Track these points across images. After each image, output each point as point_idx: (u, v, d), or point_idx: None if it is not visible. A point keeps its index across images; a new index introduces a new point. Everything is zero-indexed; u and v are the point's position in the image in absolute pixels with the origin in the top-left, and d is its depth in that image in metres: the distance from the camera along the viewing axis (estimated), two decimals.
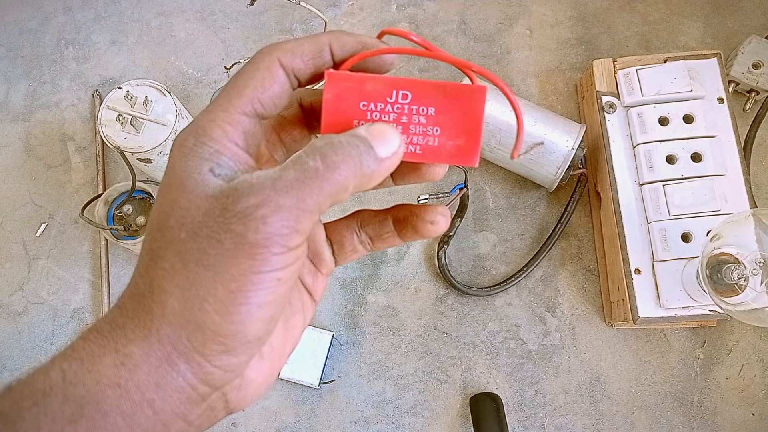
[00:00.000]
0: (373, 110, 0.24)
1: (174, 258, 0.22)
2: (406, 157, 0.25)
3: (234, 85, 0.24)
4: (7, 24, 0.73)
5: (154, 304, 0.22)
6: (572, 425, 0.59)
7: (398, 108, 0.24)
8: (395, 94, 0.24)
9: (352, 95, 0.24)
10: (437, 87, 0.24)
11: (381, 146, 0.23)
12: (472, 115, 0.24)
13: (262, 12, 0.72)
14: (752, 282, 0.47)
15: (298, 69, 0.24)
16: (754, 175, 0.62)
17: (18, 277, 0.65)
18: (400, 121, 0.24)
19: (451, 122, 0.24)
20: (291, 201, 0.21)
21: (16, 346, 0.63)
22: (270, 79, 0.23)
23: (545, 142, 0.58)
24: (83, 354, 0.22)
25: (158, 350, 0.22)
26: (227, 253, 0.21)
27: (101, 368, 0.21)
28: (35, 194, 0.67)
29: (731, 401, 0.59)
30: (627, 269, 0.56)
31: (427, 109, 0.24)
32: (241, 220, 0.21)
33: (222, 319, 0.21)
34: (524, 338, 0.62)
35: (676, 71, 0.59)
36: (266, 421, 0.60)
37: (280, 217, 0.21)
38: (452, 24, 0.71)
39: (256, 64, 0.24)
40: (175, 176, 0.23)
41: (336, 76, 0.24)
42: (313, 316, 0.41)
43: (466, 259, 0.64)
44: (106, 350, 0.22)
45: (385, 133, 0.23)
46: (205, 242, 0.21)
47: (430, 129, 0.25)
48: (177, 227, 0.22)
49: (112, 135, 0.53)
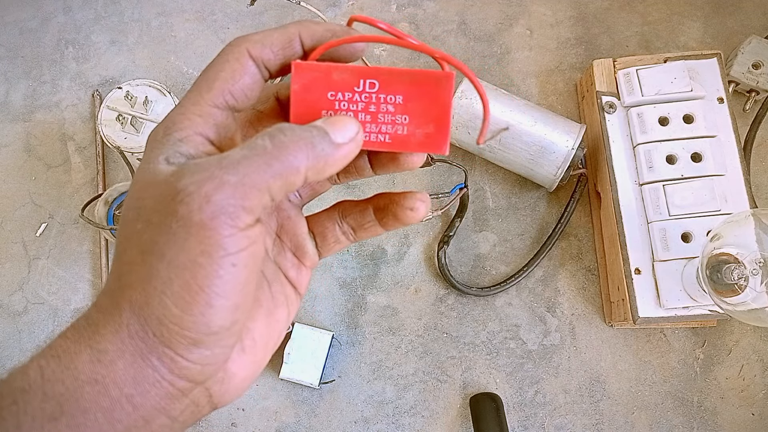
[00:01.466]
0: (341, 100, 0.24)
1: (134, 251, 0.22)
2: (375, 147, 0.25)
3: (204, 78, 0.23)
4: (7, 24, 0.73)
5: (122, 300, 0.21)
6: (572, 425, 0.59)
7: (366, 97, 0.24)
8: (362, 84, 0.24)
9: (319, 85, 0.24)
10: (405, 75, 0.24)
11: (337, 132, 0.23)
12: (440, 102, 0.24)
13: (262, 12, 0.72)
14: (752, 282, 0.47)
15: (267, 60, 0.24)
16: (754, 175, 0.62)
17: (18, 277, 0.65)
18: (368, 110, 0.24)
19: (419, 110, 0.24)
20: (236, 177, 0.20)
21: (16, 346, 0.63)
22: (240, 71, 0.23)
23: (544, 143, 0.58)
24: (60, 351, 0.21)
25: (131, 345, 0.21)
26: (176, 238, 0.20)
27: (78, 365, 0.21)
28: (35, 194, 0.67)
29: (731, 401, 0.59)
30: (627, 269, 0.56)
31: (395, 97, 0.24)
32: (184, 200, 0.20)
33: (181, 311, 0.21)
34: (524, 338, 0.62)
35: (676, 71, 0.59)
36: (266, 421, 0.60)
37: (225, 194, 0.20)
38: (452, 24, 0.71)
39: (226, 56, 0.24)
40: (139, 169, 0.23)
41: (303, 67, 0.24)
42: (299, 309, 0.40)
43: (466, 259, 0.64)
44: (82, 347, 0.21)
45: (342, 121, 0.23)
46: (156, 230, 0.21)
47: (399, 117, 0.24)
48: (134, 219, 0.22)
49: (112, 135, 0.53)
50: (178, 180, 0.21)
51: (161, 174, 0.21)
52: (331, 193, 0.65)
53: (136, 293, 0.21)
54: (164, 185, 0.21)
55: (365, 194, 0.65)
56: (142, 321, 0.21)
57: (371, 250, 0.64)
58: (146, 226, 0.21)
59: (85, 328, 0.22)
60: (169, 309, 0.21)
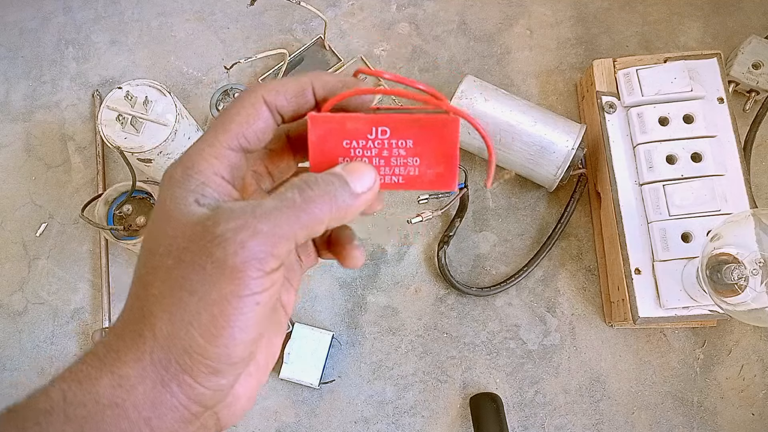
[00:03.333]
0: (356, 147, 0.26)
1: (162, 284, 0.23)
2: (390, 187, 0.27)
3: (221, 121, 0.25)
4: (7, 24, 0.73)
5: (145, 329, 0.23)
6: (572, 425, 0.59)
7: (379, 143, 0.26)
8: (375, 131, 0.26)
9: (335, 135, 0.26)
10: (413, 121, 0.26)
11: (356, 182, 0.25)
12: (447, 144, 0.26)
13: (262, 12, 0.72)
14: (752, 282, 0.47)
15: (281, 106, 0.26)
16: (754, 175, 0.62)
17: (18, 277, 0.65)
18: (382, 155, 0.26)
19: (429, 152, 0.26)
20: (268, 227, 0.22)
21: (16, 346, 0.63)
22: (255, 116, 0.25)
23: (544, 143, 0.58)
24: (81, 376, 0.23)
25: (152, 372, 0.23)
26: (209, 278, 0.22)
27: (99, 389, 0.22)
28: (35, 194, 0.67)
29: (731, 401, 0.59)
30: (627, 269, 0.56)
31: (406, 142, 0.26)
32: (221, 245, 0.22)
33: (207, 343, 0.23)
34: (524, 338, 0.62)
35: (676, 71, 0.59)
36: (266, 421, 0.60)
37: (258, 241, 0.22)
38: (452, 24, 0.71)
39: (242, 102, 0.25)
40: (164, 206, 0.24)
41: (318, 119, 0.25)
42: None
43: (466, 259, 0.64)
44: (103, 372, 0.23)
45: (360, 170, 0.25)
46: (189, 268, 0.23)
47: (411, 159, 0.26)
48: (164, 254, 0.24)
49: (112, 135, 0.53)
50: (215, 225, 0.23)
51: (194, 215, 0.24)
52: None
53: (161, 323, 0.23)
54: (200, 227, 0.23)
55: None
56: (166, 349, 0.23)
57: (371, 250, 0.64)
58: (177, 263, 0.23)
59: (105, 354, 0.23)
60: (195, 340, 0.23)
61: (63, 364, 0.62)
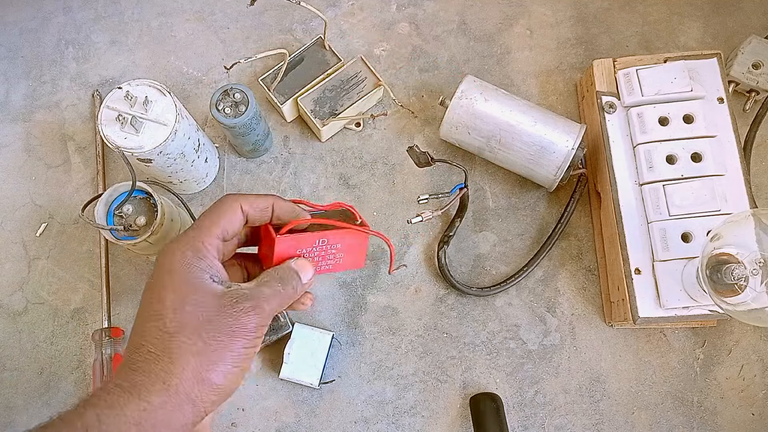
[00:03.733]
0: (305, 253, 0.41)
1: (192, 334, 0.34)
2: (322, 272, 0.43)
3: (211, 218, 0.38)
4: (7, 24, 0.73)
5: (173, 366, 0.33)
6: (572, 425, 0.59)
7: (319, 248, 0.41)
8: (318, 242, 0.41)
9: (292, 247, 0.40)
10: (343, 233, 0.42)
11: (304, 275, 0.40)
12: (362, 246, 0.44)
13: (262, 12, 0.72)
14: (752, 282, 0.47)
15: (250, 214, 0.39)
16: (754, 175, 0.62)
17: (18, 277, 0.65)
18: (320, 254, 0.42)
19: (350, 250, 0.43)
20: (270, 307, 0.37)
21: (16, 346, 0.63)
22: (234, 218, 0.38)
23: (544, 143, 0.58)
24: (112, 402, 0.31)
25: (174, 399, 0.32)
26: (233, 335, 0.34)
27: (127, 412, 0.31)
28: (35, 194, 0.67)
29: (731, 401, 0.59)
30: (627, 269, 0.56)
31: (337, 245, 0.42)
32: (245, 316, 0.35)
33: (223, 379, 0.34)
34: (524, 338, 0.62)
35: (676, 71, 0.59)
36: (266, 421, 0.60)
37: (263, 316, 0.36)
38: (452, 24, 0.71)
39: (227, 205, 0.38)
40: (183, 278, 0.35)
41: (283, 238, 0.39)
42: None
43: (466, 259, 0.64)
44: (130, 400, 0.31)
45: (305, 266, 0.40)
46: (217, 327, 0.34)
47: (338, 255, 0.43)
48: (194, 312, 0.34)
49: (112, 135, 0.53)
50: (238, 302, 0.35)
51: (217, 290, 0.36)
52: (331, 194, 0.66)
53: (190, 364, 0.33)
54: (226, 300, 0.35)
55: (365, 195, 0.66)
56: (192, 383, 0.33)
57: (371, 250, 0.64)
58: (207, 320, 0.34)
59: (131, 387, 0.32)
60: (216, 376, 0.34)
61: (63, 363, 0.62)
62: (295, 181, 0.66)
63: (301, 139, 0.68)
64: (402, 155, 0.67)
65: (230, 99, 0.57)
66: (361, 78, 0.65)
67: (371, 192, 0.66)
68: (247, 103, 0.57)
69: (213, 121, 0.68)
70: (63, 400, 0.61)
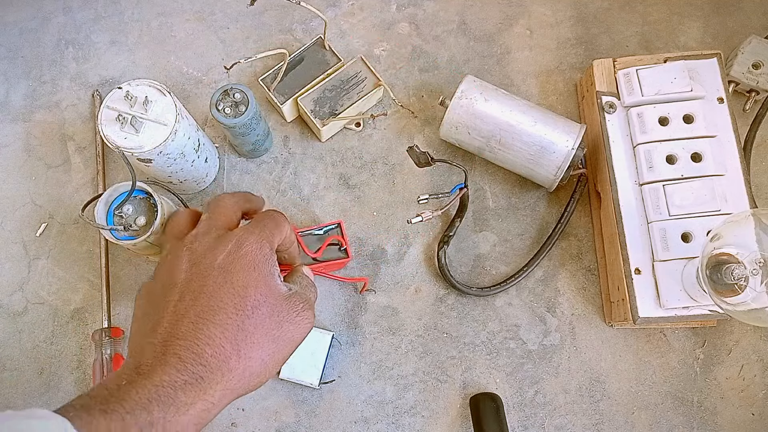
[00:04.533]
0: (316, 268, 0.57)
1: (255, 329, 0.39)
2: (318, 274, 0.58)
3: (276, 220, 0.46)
4: (7, 24, 0.73)
5: (238, 364, 0.38)
6: (572, 425, 0.59)
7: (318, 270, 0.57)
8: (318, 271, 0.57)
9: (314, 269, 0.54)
10: (332, 265, 0.59)
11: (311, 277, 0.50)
12: (340, 264, 0.61)
13: (262, 12, 0.72)
14: (752, 282, 0.47)
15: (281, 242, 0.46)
16: (754, 175, 0.62)
17: (18, 277, 0.65)
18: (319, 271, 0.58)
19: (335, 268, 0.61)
20: (313, 309, 0.44)
21: (16, 346, 0.63)
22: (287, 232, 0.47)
23: (544, 143, 0.58)
24: (179, 402, 0.35)
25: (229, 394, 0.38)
26: (294, 331, 0.42)
27: (193, 412, 0.36)
28: (35, 194, 0.67)
29: (731, 401, 0.59)
30: (627, 269, 0.56)
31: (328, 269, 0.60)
32: (307, 313, 0.43)
33: (274, 369, 0.41)
34: (524, 338, 0.62)
35: (676, 71, 0.59)
36: (266, 421, 0.60)
37: (312, 316, 0.44)
38: (452, 24, 0.71)
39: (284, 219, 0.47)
40: (264, 277, 0.41)
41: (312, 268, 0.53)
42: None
43: (466, 259, 0.64)
44: (197, 399, 0.36)
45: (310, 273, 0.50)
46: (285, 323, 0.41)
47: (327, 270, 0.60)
48: (256, 306, 0.40)
49: (112, 135, 0.53)
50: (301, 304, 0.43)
51: (284, 290, 0.43)
52: (331, 194, 0.66)
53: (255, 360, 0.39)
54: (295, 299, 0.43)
55: (365, 195, 0.66)
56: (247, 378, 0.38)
57: (371, 250, 0.64)
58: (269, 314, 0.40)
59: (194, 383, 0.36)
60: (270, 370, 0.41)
61: (63, 363, 0.62)
62: (295, 181, 0.66)
63: (301, 139, 0.68)
64: (402, 155, 0.67)
65: (230, 99, 0.57)
66: (361, 78, 0.65)
67: (371, 192, 0.66)
68: (247, 103, 0.57)
69: (213, 121, 0.68)
70: (63, 400, 0.61)
